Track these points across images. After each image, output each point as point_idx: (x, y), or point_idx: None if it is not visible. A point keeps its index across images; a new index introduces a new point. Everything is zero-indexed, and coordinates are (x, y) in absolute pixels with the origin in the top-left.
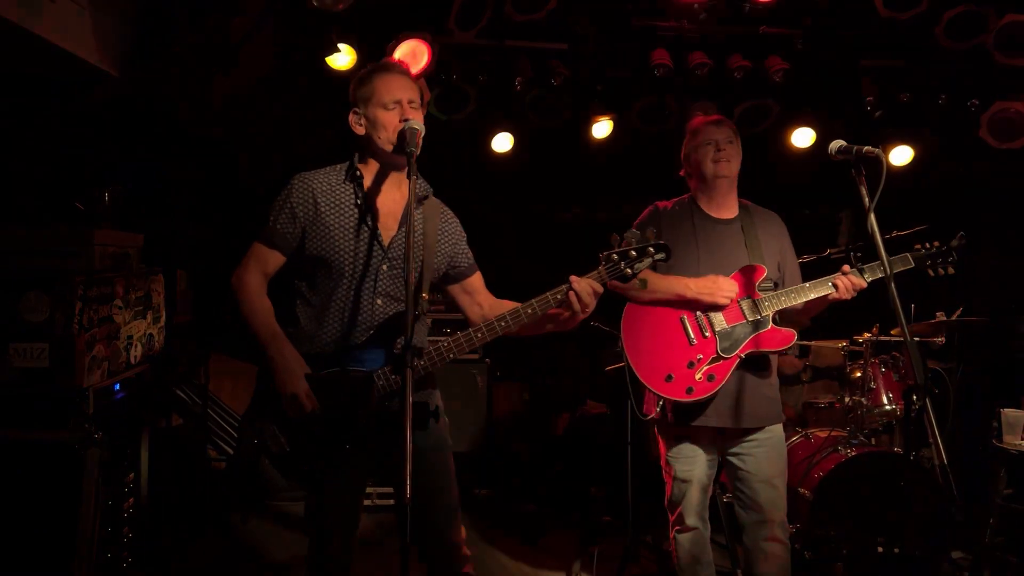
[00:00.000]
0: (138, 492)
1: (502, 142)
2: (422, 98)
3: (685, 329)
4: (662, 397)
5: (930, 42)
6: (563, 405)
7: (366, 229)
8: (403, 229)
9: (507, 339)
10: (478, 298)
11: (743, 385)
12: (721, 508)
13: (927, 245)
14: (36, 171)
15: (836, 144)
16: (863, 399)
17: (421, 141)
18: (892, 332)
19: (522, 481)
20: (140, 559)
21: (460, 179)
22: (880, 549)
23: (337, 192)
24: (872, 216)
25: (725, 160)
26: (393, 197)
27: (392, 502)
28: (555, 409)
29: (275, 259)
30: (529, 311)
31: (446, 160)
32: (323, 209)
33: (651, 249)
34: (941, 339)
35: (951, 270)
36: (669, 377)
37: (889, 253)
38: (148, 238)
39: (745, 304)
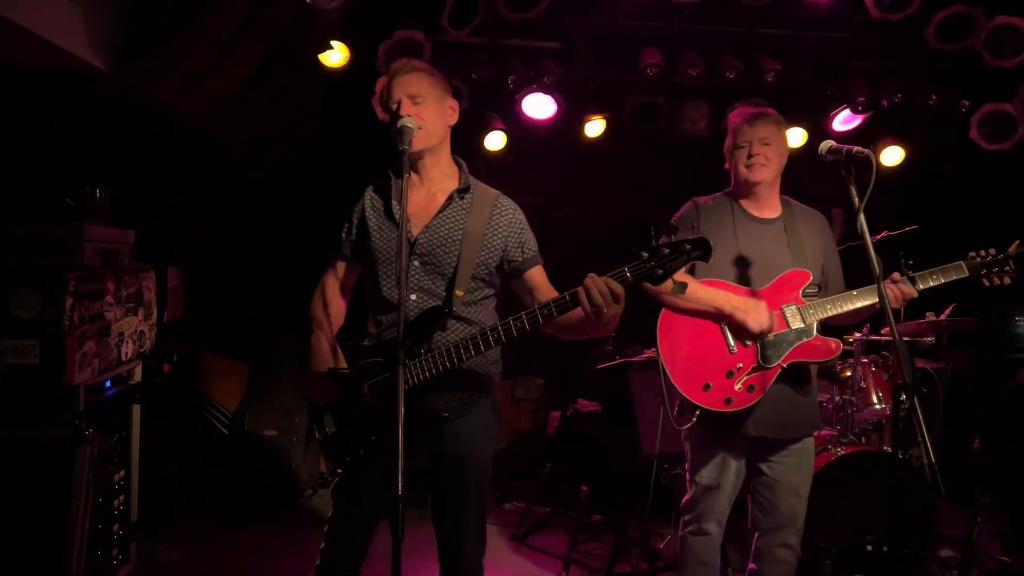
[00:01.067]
0: (128, 489)
1: (495, 140)
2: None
3: (725, 337)
4: (699, 407)
5: (921, 43)
6: (554, 403)
7: (398, 227)
8: (430, 224)
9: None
10: (538, 295)
11: (784, 395)
12: None
13: (982, 253)
14: (30, 169)
15: (827, 144)
16: (853, 398)
17: (413, 139)
18: (882, 331)
19: (514, 479)
20: (130, 556)
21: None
22: (869, 547)
23: (379, 196)
24: (862, 216)
25: (759, 165)
26: (429, 194)
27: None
28: (546, 407)
29: (340, 265)
30: (545, 312)
31: None
32: (369, 215)
33: (687, 246)
34: (930, 339)
35: (1007, 280)
36: (707, 386)
37: (882, 253)
38: (140, 235)
39: (789, 311)
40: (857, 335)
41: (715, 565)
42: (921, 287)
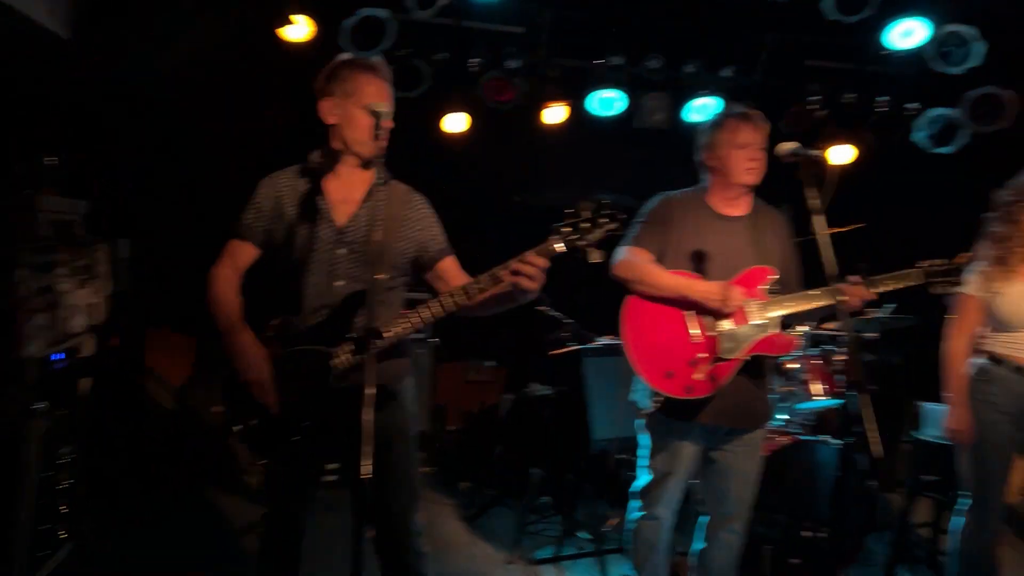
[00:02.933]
0: (75, 465)
1: (455, 122)
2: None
3: (688, 327)
4: (660, 393)
5: (873, 47)
6: (507, 387)
7: (322, 217)
8: (357, 213)
9: (454, 319)
10: (453, 283)
11: (741, 386)
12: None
13: (935, 262)
14: None
15: (786, 147)
16: (796, 389)
17: (377, 148)
18: (825, 325)
19: (465, 461)
20: (75, 533)
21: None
22: (806, 533)
23: (298, 186)
24: (818, 218)
25: (757, 170)
26: (351, 184)
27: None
28: (499, 390)
29: (246, 252)
30: (478, 286)
31: (396, 137)
32: (285, 203)
33: (604, 219)
34: (873, 334)
35: (954, 289)
36: (669, 374)
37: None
38: (92, 205)
39: (751, 306)
40: (801, 328)
41: (664, 549)
42: (877, 290)
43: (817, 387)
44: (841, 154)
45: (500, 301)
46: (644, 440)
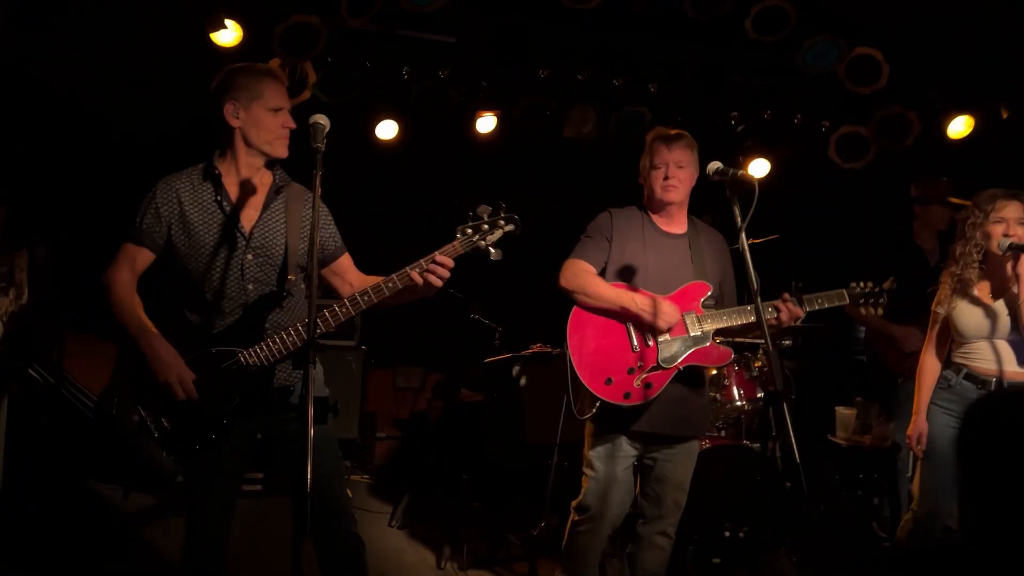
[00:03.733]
0: None
1: (386, 129)
2: None
3: (630, 336)
4: (599, 399)
5: (790, 65)
6: (437, 393)
7: (228, 222)
8: (262, 218)
9: (383, 327)
10: (348, 278)
11: (678, 395)
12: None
13: (862, 284)
14: None
15: (713, 165)
16: (717, 395)
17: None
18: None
19: (395, 467)
20: None
21: (342, 163)
22: (727, 533)
23: (198, 190)
24: (743, 235)
25: (672, 187)
26: (253, 187)
27: (259, 488)
28: (430, 397)
29: (143, 256)
30: (390, 284)
31: (328, 143)
32: (186, 207)
33: (501, 221)
34: (788, 341)
35: (880, 311)
36: (609, 380)
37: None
38: (11, 212)
39: (689, 319)
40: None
41: (598, 553)
42: (808, 309)
43: (736, 392)
44: (759, 168)
45: (404, 295)
46: (586, 448)
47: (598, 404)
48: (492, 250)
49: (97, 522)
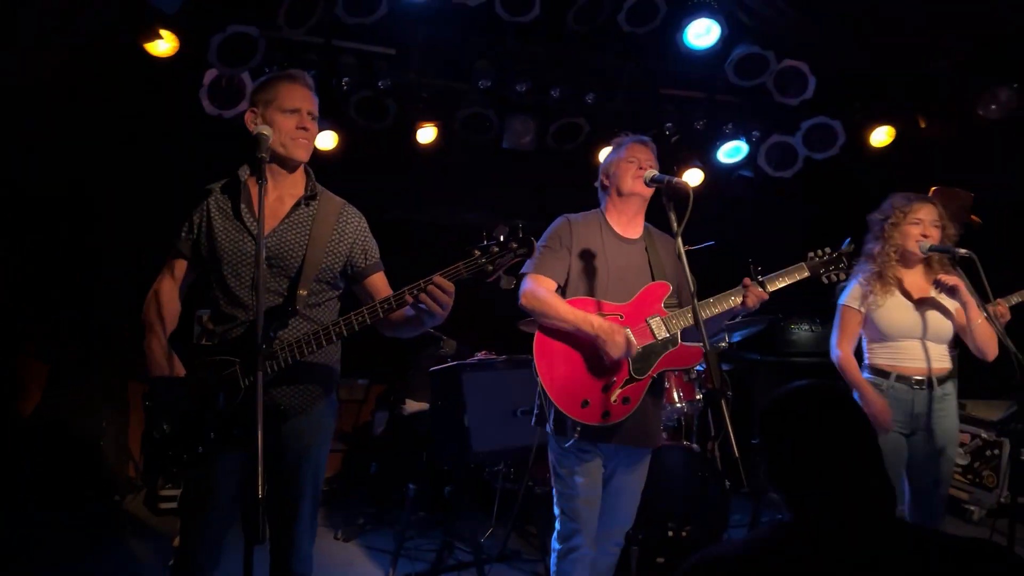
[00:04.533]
0: None
1: (324, 139)
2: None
3: (599, 352)
4: (580, 423)
5: (721, 78)
6: (380, 405)
7: (244, 230)
8: (278, 228)
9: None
10: (379, 298)
11: (643, 406)
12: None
13: (819, 253)
14: None
15: (650, 174)
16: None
17: (303, 151)
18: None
19: (340, 480)
20: None
21: None
22: (670, 533)
23: (226, 197)
24: (680, 240)
25: (644, 181)
26: (277, 197)
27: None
28: (371, 408)
29: (179, 264)
30: (385, 306)
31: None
32: (213, 214)
33: (514, 244)
34: (725, 344)
35: (843, 276)
36: (585, 403)
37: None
38: None
39: (654, 323)
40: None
41: None
42: (771, 289)
43: (676, 394)
44: (693, 177)
45: (407, 324)
46: (558, 471)
47: (579, 429)
48: (502, 276)
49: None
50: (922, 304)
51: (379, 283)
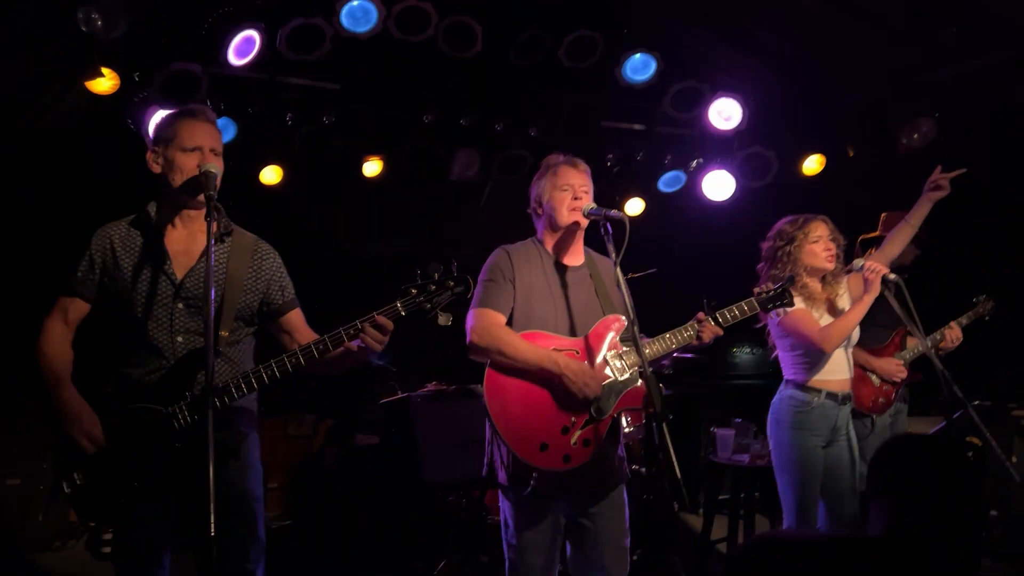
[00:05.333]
0: None
1: (268, 174)
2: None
3: (555, 391)
4: (537, 469)
5: (659, 111)
6: (330, 439)
7: (158, 269)
8: (196, 267)
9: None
10: (297, 336)
11: (607, 445)
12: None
13: (765, 288)
14: None
15: (587, 207)
16: None
17: (219, 184)
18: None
19: (290, 517)
20: None
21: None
22: (635, 557)
23: (132, 237)
24: (618, 269)
25: (580, 209)
26: (190, 235)
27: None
28: (321, 443)
29: (76, 306)
30: (320, 347)
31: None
32: (119, 254)
33: (450, 283)
34: (668, 370)
35: (786, 312)
36: (544, 446)
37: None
38: None
39: (612, 358)
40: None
41: None
42: (724, 324)
43: (623, 419)
44: (634, 207)
45: (342, 360)
46: (509, 522)
47: (535, 475)
48: (440, 314)
49: None
50: (837, 314)
51: (296, 320)
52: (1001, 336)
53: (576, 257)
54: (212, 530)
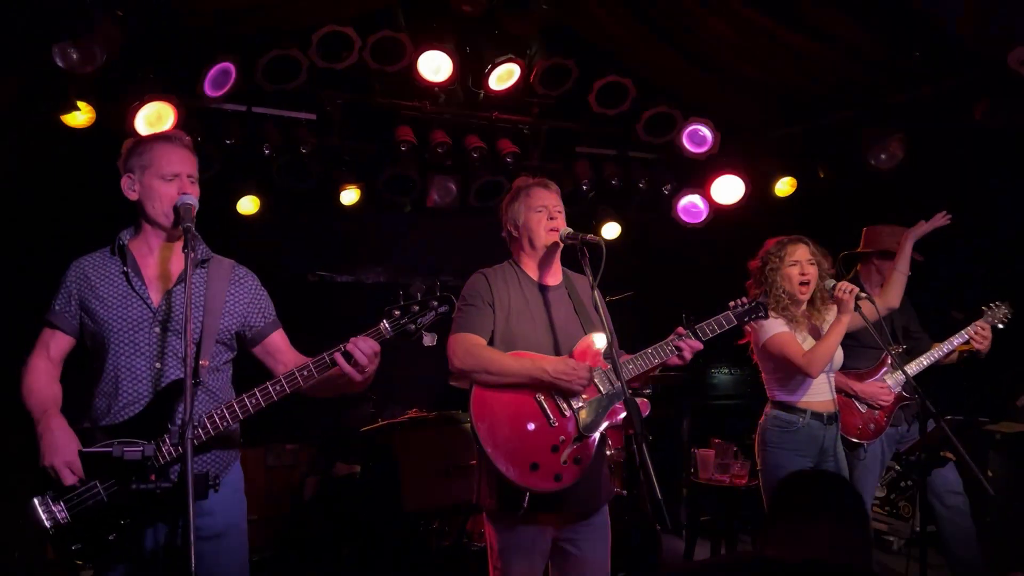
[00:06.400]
0: None
1: (245, 204)
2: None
3: (543, 410)
4: (528, 490)
5: (633, 136)
6: (309, 469)
7: (134, 295)
8: (173, 290)
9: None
10: (280, 358)
11: (595, 463)
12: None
13: (740, 301)
14: None
15: (564, 231)
16: None
17: (195, 214)
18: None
19: (270, 548)
20: None
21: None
22: None
23: (107, 265)
24: (597, 292)
25: (556, 230)
26: (166, 260)
27: None
28: (300, 473)
29: (58, 339)
30: (305, 373)
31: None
32: (95, 283)
33: (434, 303)
34: (647, 389)
35: (761, 323)
36: (535, 466)
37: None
38: None
39: (597, 376)
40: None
41: None
42: (703, 338)
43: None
44: (610, 231)
45: (327, 387)
46: (497, 549)
47: (527, 497)
48: (424, 335)
49: None
50: (818, 336)
51: (280, 342)
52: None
53: (554, 276)
54: (192, 565)
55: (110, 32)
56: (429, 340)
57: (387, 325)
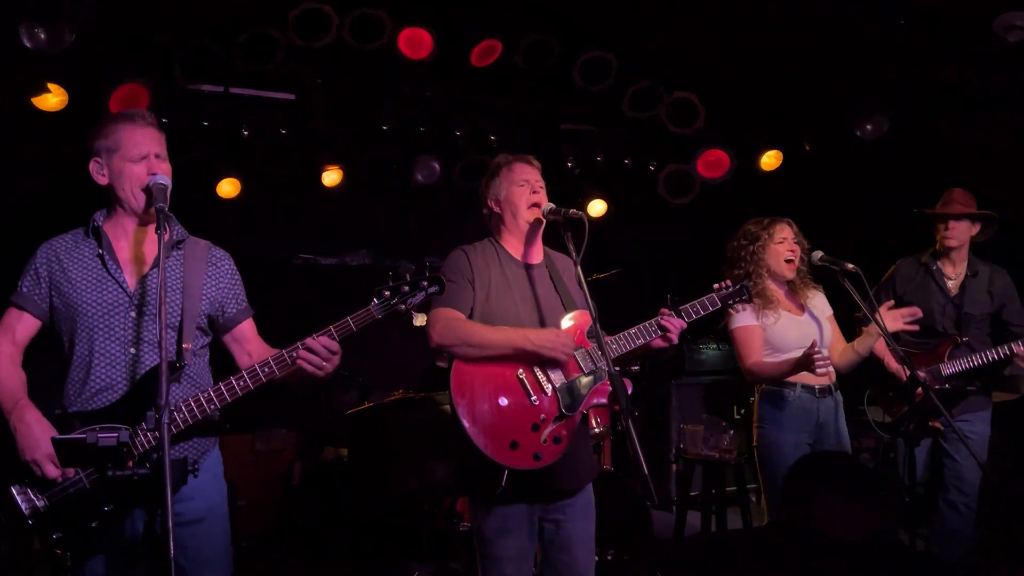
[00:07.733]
0: None
1: (225, 187)
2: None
3: (524, 387)
4: (507, 468)
5: (617, 112)
6: (298, 454)
7: (109, 278)
8: (148, 274)
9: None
10: (247, 347)
11: (577, 442)
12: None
13: (724, 284)
14: None
15: (547, 206)
16: None
17: (168, 195)
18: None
19: (261, 533)
20: None
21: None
22: (595, 558)
23: (80, 248)
24: (579, 268)
25: (540, 205)
26: (140, 242)
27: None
28: (289, 458)
29: (25, 322)
30: (266, 370)
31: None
32: (67, 266)
33: (424, 283)
34: (635, 367)
35: (743, 307)
36: (514, 444)
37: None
38: None
39: (580, 355)
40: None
41: None
42: (687, 320)
43: (593, 420)
44: (596, 208)
45: (292, 378)
46: (483, 533)
47: (506, 474)
48: (415, 315)
49: None
50: (806, 316)
51: (248, 330)
52: None
53: (536, 254)
54: (172, 551)
55: (78, 11)
56: (419, 321)
57: (376, 306)
